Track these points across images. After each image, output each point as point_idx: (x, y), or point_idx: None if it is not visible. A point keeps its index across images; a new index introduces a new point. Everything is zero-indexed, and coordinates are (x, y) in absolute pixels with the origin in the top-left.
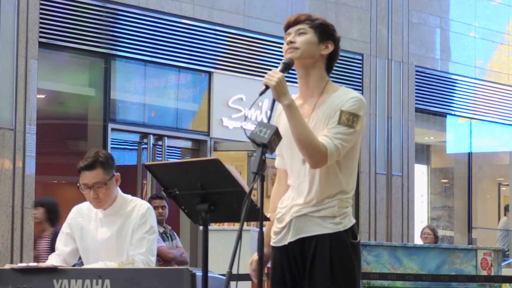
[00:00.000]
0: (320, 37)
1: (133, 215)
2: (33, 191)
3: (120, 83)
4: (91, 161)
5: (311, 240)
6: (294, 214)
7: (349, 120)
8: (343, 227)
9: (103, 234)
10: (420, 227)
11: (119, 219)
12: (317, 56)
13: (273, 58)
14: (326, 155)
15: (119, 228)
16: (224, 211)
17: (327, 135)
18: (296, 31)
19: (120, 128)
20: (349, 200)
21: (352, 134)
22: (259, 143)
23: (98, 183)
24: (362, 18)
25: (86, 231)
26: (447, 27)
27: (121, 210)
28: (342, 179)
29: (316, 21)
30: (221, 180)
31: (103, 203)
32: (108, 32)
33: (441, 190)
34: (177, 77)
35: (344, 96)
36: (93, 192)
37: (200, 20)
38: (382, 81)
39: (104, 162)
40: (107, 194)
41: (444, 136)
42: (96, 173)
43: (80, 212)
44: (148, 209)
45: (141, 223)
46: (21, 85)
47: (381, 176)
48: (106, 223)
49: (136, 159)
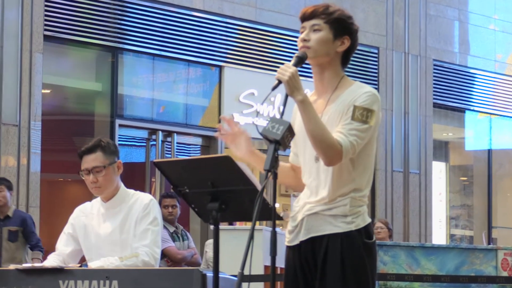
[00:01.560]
0: (336, 33)
1: (136, 207)
2: (38, 189)
3: (127, 77)
4: (92, 144)
5: (322, 239)
6: (306, 212)
7: (363, 115)
8: (355, 227)
9: (106, 228)
10: (439, 227)
11: (122, 212)
12: (332, 54)
13: (286, 51)
14: (341, 152)
15: (121, 222)
16: (236, 210)
17: (341, 132)
18: (310, 26)
19: (128, 124)
20: (363, 198)
21: (366, 130)
22: (271, 139)
23: (97, 167)
24: (378, 10)
25: (89, 228)
26: (466, 19)
27: (124, 203)
28: (356, 177)
29: (333, 15)
30: (233, 177)
31: (103, 189)
32: (115, 25)
33: (460, 188)
34: (187, 71)
35: (357, 91)
36: (92, 176)
37: (210, 12)
38: (398, 75)
39: (105, 146)
40: (107, 179)
41: (463, 132)
42: (96, 156)
43: (83, 211)
44: (151, 201)
45: (144, 214)
46: (26, 79)
47: (398, 174)
48: (108, 218)
49: (145, 156)
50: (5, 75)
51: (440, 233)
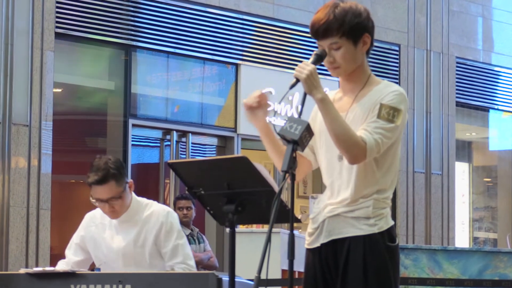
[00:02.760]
0: (355, 39)
1: (152, 221)
2: (49, 191)
3: (141, 76)
4: (102, 175)
5: (343, 242)
6: (327, 214)
7: (389, 114)
8: (378, 229)
9: (119, 242)
10: (462, 230)
11: (136, 225)
12: (360, 60)
13: (304, 49)
14: (365, 150)
15: (136, 236)
16: (252, 212)
17: (366, 129)
18: (329, 46)
19: (142, 124)
20: (387, 200)
21: (393, 130)
22: (289, 139)
23: (113, 198)
24: (399, 6)
25: (100, 240)
26: (489, 15)
27: (137, 216)
28: (379, 178)
29: (345, 26)
30: (249, 179)
31: (120, 214)
32: (129, 22)
33: (484, 190)
34: (202, 69)
35: (385, 90)
36: (108, 206)
37: (226, 8)
38: (420, 73)
39: (116, 174)
40: (123, 204)
41: (487, 132)
42: (109, 187)
43: (93, 220)
44: (169, 214)
45: (167, 231)
46: (37, 78)
47: (420, 175)
48: (122, 231)
49: (159, 157)
50: (16, 73)
51: (463, 236)
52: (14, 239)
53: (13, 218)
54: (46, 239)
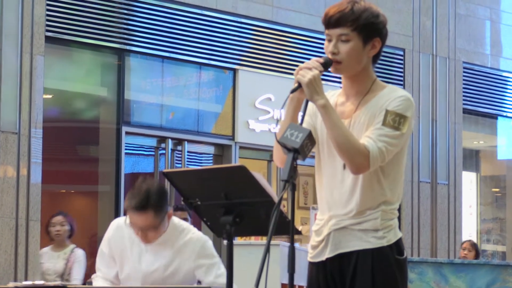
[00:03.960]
0: (365, 38)
1: (188, 250)
2: (39, 201)
3: (135, 81)
4: (141, 202)
5: (351, 256)
6: (333, 227)
7: (395, 121)
8: (387, 242)
9: (149, 264)
10: None
11: (170, 250)
12: (364, 62)
13: (305, 53)
14: (368, 159)
15: (168, 262)
16: (251, 224)
17: (370, 137)
18: (337, 36)
19: (135, 131)
20: (394, 211)
21: (398, 138)
22: (290, 148)
23: (147, 226)
24: (404, 9)
25: (127, 255)
26: (498, 19)
27: (172, 241)
28: (386, 188)
29: (360, 21)
30: (248, 189)
31: (152, 241)
32: (122, 25)
33: (492, 200)
34: (198, 74)
35: (390, 95)
36: (141, 233)
37: (223, 11)
38: (426, 79)
39: (157, 205)
40: (157, 233)
41: (495, 140)
42: (146, 217)
43: (120, 232)
44: (207, 242)
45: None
46: (26, 84)
47: (425, 185)
48: (153, 253)
49: (153, 166)
50: (4, 79)
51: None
52: (3, 251)
53: (2, 229)
54: (36, 252)
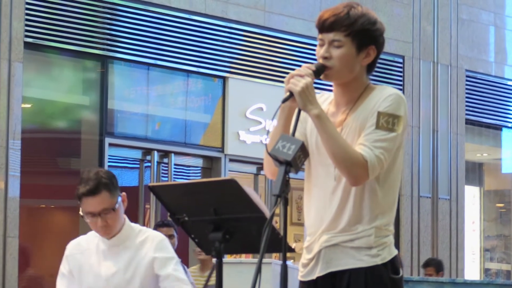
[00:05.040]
0: (359, 45)
1: (145, 248)
2: (17, 216)
3: (119, 90)
4: (94, 184)
5: (343, 275)
6: (324, 244)
7: (388, 122)
8: (381, 260)
9: (108, 269)
10: (472, 260)
11: (127, 251)
12: (356, 70)
13: (298, 60)
14: (367, 169)
15: (127, 262)
16: (241, 241)
17: (365, 144)
18: (330, 41)
19: (119, 143)
20: (389, 228)
21: (394, 139)
22: (282, 160)
23: (106, 210)
24: (403, 13)
25: (87, 268)
26: (503, 24)
27: (129, 241)
28: (381, 197)
29: (355, 27)
30: (238, 204)
31: (112, 229)
32: (105, 31)
33: (496, 216)
34: (186, 83)
35: (379, 95)
36: (101, 220)
37: (213, 16)
38: (426, 88)
39: (109, 183)
40: (117, 219)
41: (500, 153)
42: (102, 198)
43: (77, 248)
44: (164, 240)
45: (164, 258)
46: (3, 92)
47: (426, 200)
48: (111, 256)
49: (138, 180)
50: None
51: (473, 267)
52: None
53: None
54: (14, 270)
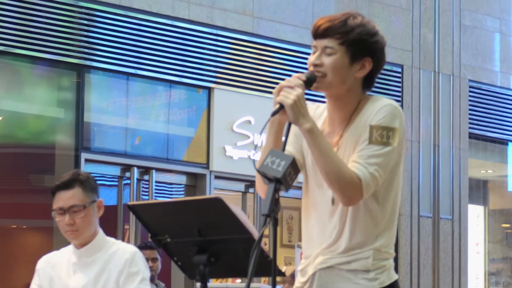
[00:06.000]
0: (353, 56)
1: (116, 259)
2: None
3: (96, 101)
4: (69, 178)
5: None
6: (319, 266)
7: (382, 136)
8: (379, 285)
9: (78, 281)
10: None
11: (97, 262)
12: (349, 82)
13: (289, 70)
14: (361, 188)
15: (97, 274)
16: (228, 264)
17: (358, 162)
18: (322, 48)
19: (96, 158)
20: (389, 251)
21: (389, 154)
22: (271, 177)
23: (75, 206)
24: (402, 20)
25: (56, 280)
26: (509, 31)
27: (100, 253)
28: (380, 217)
29: (350, 35)
30: (224, 224)
31: (80, 233)
32: (81, 38)
33: (502, 238)
34: (168, 94)
35: (372, 108)
36: (68, 217)
37: (197, 22)
38: (427, 99)
39: (85, 181)
40: (86, 221)
41: (506, 169)
42: (74, 193)
43: (48, 261)
44: (136, 254)
45: (130, 272)
46: None
47: (426, 220)
48: (81, 268)
49: (117, 198)
50: None
51: None
52: None
53: None
54: None
